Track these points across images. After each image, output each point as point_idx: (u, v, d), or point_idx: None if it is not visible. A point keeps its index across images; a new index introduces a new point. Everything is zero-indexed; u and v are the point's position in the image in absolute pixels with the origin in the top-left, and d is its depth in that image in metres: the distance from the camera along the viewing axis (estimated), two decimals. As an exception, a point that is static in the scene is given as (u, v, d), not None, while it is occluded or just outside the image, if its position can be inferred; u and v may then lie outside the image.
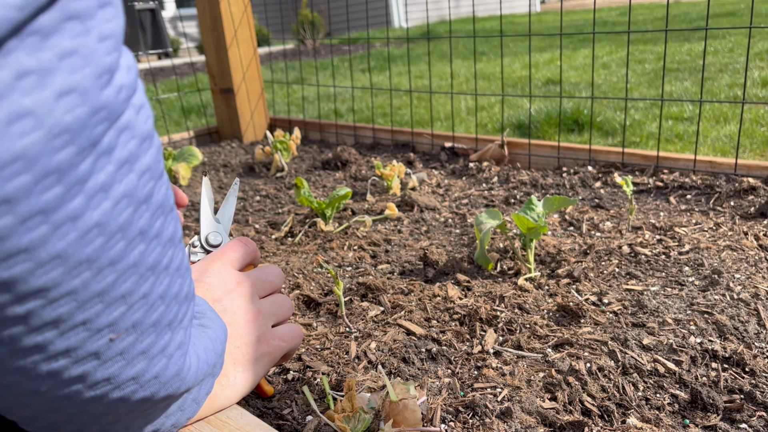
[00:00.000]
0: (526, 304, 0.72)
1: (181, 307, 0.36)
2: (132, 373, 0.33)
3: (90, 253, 0.28)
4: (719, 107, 2.36)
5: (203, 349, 0.41)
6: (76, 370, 0.31)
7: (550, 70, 3.55)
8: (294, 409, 0.56)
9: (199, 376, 0.40)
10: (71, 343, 0.29)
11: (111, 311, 0.30)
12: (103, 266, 0.29)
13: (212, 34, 1.73)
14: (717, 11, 5.49)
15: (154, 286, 0.33)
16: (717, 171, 1.09)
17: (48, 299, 0.27)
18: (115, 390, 0.33)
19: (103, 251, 0.29)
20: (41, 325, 0.28)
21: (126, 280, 0.31)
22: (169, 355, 0.35)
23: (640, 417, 0.53)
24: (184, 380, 0.38)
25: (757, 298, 0.70)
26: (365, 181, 1.29)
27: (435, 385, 0.58)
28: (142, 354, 0.33)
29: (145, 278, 0.32)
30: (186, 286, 0.37)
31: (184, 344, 0.37)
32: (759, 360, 0.59)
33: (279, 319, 0.55)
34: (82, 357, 0.30)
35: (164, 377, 0.35)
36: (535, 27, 6.11)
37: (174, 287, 0.35)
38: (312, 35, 5.85)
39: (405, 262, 0.88)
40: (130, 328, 0.32)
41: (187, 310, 0.37)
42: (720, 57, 3.33)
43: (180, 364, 0.37)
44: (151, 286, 0.32)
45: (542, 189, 1.16)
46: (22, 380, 0.30)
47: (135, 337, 0.32)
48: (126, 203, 0.30)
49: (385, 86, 3.54)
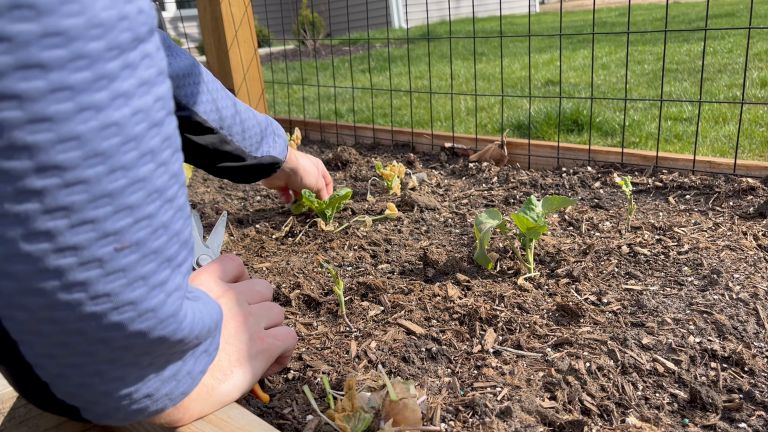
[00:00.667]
0: (525, 303, 0.73)
1: (181, 249, 0.38)
2: (131, 296, 0.35)
3: (106, 148, 0.31)
4: (718, 108, 2.36)
5: (198, 309, 0.42)
6: (81, 275, 0.32)
7: (550, 70, 3.55)
8: (294, 409, 0.56)
9: (195, 331, 0.41)
10: (79, 241, 0.31)
11: (118, 219, 0.33)
12: (115, 167, 0.32)
13: (213, 35, 1.74)
14: (716, 12, 5.49)
15: (159, 212, 0.35)
16: (716, 171, 1.10)
17: (64, 181, 0.30)
18: (114, 311, 0.34)
19: (118, 152, 0.32)
20: (55, 208, 0.30)
21: (135, 191, 0.33)
22: (168, 292, 0.37)
23: (639, 416, 0.53)
24: (179, 325, 0.39)
25: (756, 297, 0.70)
26: (365, 181, 1.29)
27: (435, 384, 0.58)
28: (142, 280, 0.35)
29: (152, 199, 0.34)
30: (187, 231, 0.39)
31: (181, 288, 0.38)
32: (758, 359, 0.59)
33: (270, 322, 0.57)
34: (87, 260, 0.32)
35: (161, 313, 0.37)
36: (534, 28, 6.11)
37: (176, 224, 0.37)
38: (312, 36, 5.85)
39: (405, 262, 0.88)
40: (134, 245, 0.34)
41: (187, 257, 0.39)
42: (719, 57, 3.33)
43: (177, 306, 0.38)
44: (157, 209, 0.35)
45: (542, 189, 1.16)
46: (28, 272, 0.31)
47: (137, 258, 0.34)
48: (142, 117, 0.33)
49: (385, 87, 3.54)
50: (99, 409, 0.40)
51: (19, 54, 0.27)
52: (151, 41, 0.33)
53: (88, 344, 0.35)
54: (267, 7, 2.41)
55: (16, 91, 0.28)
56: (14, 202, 0.30)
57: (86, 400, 0.39)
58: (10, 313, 0.33)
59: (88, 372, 0.37)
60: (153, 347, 0.38)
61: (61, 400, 0.39)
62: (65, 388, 0.38)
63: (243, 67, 1.77)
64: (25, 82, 0.28)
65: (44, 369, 0.36)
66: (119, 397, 0.40)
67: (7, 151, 0.29)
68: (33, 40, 0.28)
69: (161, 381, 0.42)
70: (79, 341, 0.35)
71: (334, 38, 6.95)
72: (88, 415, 0.41)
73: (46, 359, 0.36)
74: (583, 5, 9.27)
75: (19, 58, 0.27)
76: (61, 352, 0.35)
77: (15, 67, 0.27)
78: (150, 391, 0.41)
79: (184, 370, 0.43)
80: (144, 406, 0.41)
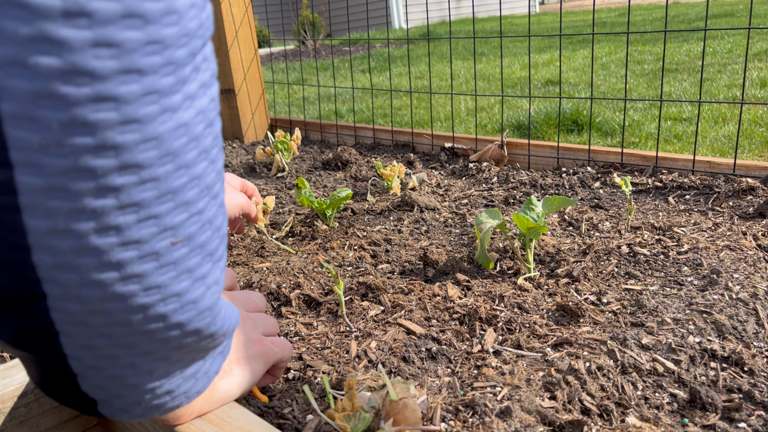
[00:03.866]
0: (525, 303, 0.73)
1: (221, 243, 0.39)
2: (178, 288, 0.36)
3: (176, 147, 0.33)
4: (718, 108, 2.36)
5: (226, 306, 0.43)
6: (139, 267, 0.34)
7: (550, 70, 3.55)
8: (294, 408, 0.56)
9: (224, 328, 0.42)
10: (143, 235, 0.33)
11: (177, 213, 0.34)
12: (180, 165, 0.33)
13: (213, 35, 1.74)
14: (715, 12, 5.49)
15: (207, 207, 0.36)
16: (716, 171, 1.10)
17: (140, 178, 0.32)
18: (161, 302, 0.36)
19: (184, 151, 0.33)
20: (128, 204, 0.32)
21: (192, 188, 0.35)
22: (208, 285, 0.38)
23: (639, 416, 0.53)
24: (214, 319, 0.40)
25: (756, 297, 0.70)
26: (365, 181, 1.30)
27: (435, 384, 0.58)
28: (189, 272, 0.36)
29: (203, 194, 0.36)
30: (224, 226, 0.40)
31: (218, 282, 0.40)
32: (758, 359, 0.59)
33: (267, 330, 0.57)
34: (147, 253, 0.34)
35: (200, 305, 0.38)
36: (534, 28, 6.11)
37: (219, 219, 0.38)
38: (312, 36, 5.85)
39: (405, 262, 0.88)
40: (186, 239, 0.35)
41: (224, 252, 0.40)
42: (719, 58, 3.33)
43: (214, 300, 0.39)
44: (205, 205, 0.36)
45: (542, 189, 1.16)
46: (91, 264, 0.32)
47: (187, 251, 0.36)
48: (201, 118, 0.34)
49: (385, 87, 3.55)
50: (119, 403, 0.41)
51: (124, 59, 0.29)
52: (209, 45, 0.35)
53: (131, 335, 0.36)
54: (267, 7, 2.41)
55: (116, 94, 0.29)
56: (93, 198, 0.31)
57: (111, 393, 0.40)
58: (64, 305, 0.34)
59: (122, 364, 0.38)
60: (187, 339, 0.39)
61: (83, 393, 0.40)
62: (94, 380, 0.39)
63: (243, 68, 1.77)
64: (125, 85, 0.29)
65: (79, 360, 0.37)
66: (143, 391, 0.41)
67: (97, 150, 0.30)
68: (138, 47, 0.29)
69: (183, 378, 0.43)
70: (124, 332, 0.36)
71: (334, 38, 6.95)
72: (105, 409, 0.42)
73: (85, 351, 0.36)
74: (583, 5, 9.27)
75: (123, 63, 0.29)
76: (102, 344, 0.36)
77: (119, 71, 0.29)
78: (172, 387, 0.42)
79: (203, 369, 0.44)
80: (163, 402, 0.42)
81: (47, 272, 0.32)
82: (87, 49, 0.28)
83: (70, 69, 0.28)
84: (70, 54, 0.28)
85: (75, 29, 0.28)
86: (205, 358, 0.44)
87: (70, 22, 0.27)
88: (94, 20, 0.28)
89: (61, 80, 0.28)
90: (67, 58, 0.28)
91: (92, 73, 0.28)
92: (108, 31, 0.28)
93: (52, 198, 0.30)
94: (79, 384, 0.39)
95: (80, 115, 0.29)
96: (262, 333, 0.56)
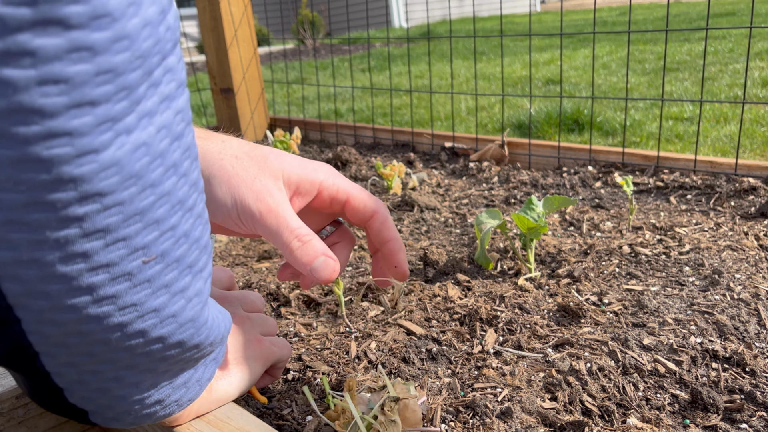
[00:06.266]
0: (526, 304, 0.72)
1: (201, 255, 0.39)
2: (155, 304, 0.36)
3: (138, 169, 0.32)
4: (719, 107, 2.35)
5: (214, 315, 0.43)
6: (111, 289, 0.33)
7: (550, 70, 3.55)
8: (294, 409, 0.56)
9: (210, 337, 0.41)
10: (112, 258, 0.33)
11: (146, 233, 0.34)
12: (146, 185, 0.33)
13: (212, 34, 1.73)
14: (717, 11, 5.49)
15: (181, 222, 0.36)
16: (717, 171, 1.09)
17: (103, 205, 0.31)
18: (138, 319, 0.35)
19: (147, 171, 0.32)
20: (93, 231, 0.31)
21: (161, 205, 0.34)
22: (188, 298, 0.38)
23: (640, 417, 0.53)
24: (198, 330, 0.39)
25: (758, 298, 0.70)
26: (365, 181, 1.29)
27: (435, 385, 0.58)
28: (165, 288, 0.36)
29: (175, 210, 0.35)
30: (205, 237, 0.39)
31: (201, 293, 0.39)
32: (759, 360, 0.59)
33: (266, 331, 0.57)
34: (118, 275, 0.33)
35: (181, 318, 0.38)
36: (535, 27, 6.10)
37: (196, 231, 0.38)
38: (312, 35, 5.85)
39: (405, 262, 0.88)
40: (159, 257, 0.35)
41: (207, 262, 0.40)
42: (720, 57, 3.33)
43: (197, 311, 0.39)
44: (179, 220, 0.36)
45: (542, 189, 1.16)
46: (61, 290, 0.32)
47: (161, 267, 0.35)
48: (165, 133, 0.33)
49: (385, 86, 3.54)
50: (109, 413, 0.41)
51: (74, 94, 0.28)
52: (174, 54, 0.34)
53: (112, 352, 0.36)
54: (267, 7, 2.40)
55: (69, 128, 0.29)
56: (56, 230, 0.30)
57: (100, 404, 0.40)
58: (39, 328, 0.33)
59: (107, 378, 0.38)
60: (170, 351, 0.39)
61: (72, 404, 0.40)
62: (81, 393, 0.39)
63: (242, 67, 1.76)
64: (77, 119, 0.29)
65: (63, 377, 0.37)
66: (132, 402, 0.40)
67: (54, 185, 0.29)
68: (88, 79, 0.29)
69: (173, 388, 0.42)
70: (104, 350, 0.36)
71: (334, 37, 6.95)
72: (97, 418, 0.42)
73: (68, 368, 0.36)
74: (584, 4, 9.27)
75: (74, 97, 0.28)
76: (84, 361, 0.36)
77: (70, 106, 0.28)
78: (161, 397, 0.42)
79: (194, 378, 0.44)
80: (153, 411, 0.42)
81: (17, 299, 0.32)
82: (33, 87, 0.27)
83: (17, 108, 0.27)
84: (15, 94, 0.27)
85: (18, 69, 0.27)
86: (195, 366, 0.43)
87: (12, 62, 0.27)
88: (38, 58, 0.27)
89: (9, 120, 0.27)
90: (12, 99, 0.27)
91: (41, 110, 0.28)
92: (54, 67, 0.27)
93: (13, 231, 0.30)
94: (67, 397, 0.39)
95: (32, 152, 0.28)
96: (260, 333, 0.56)
